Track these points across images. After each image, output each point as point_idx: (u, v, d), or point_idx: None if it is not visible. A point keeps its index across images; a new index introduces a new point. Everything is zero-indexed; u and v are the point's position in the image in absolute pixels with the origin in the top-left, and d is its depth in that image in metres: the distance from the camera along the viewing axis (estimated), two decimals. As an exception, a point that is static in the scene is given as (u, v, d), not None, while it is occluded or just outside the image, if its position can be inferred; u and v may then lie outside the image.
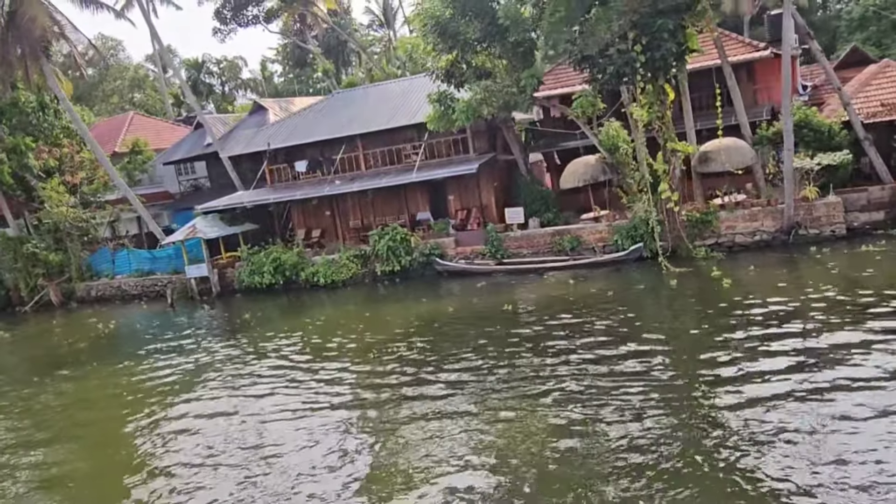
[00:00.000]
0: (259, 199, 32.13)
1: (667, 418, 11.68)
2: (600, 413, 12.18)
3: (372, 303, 25.90)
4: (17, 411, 18.53)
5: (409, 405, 13.95)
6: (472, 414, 13.02)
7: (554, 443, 11.34)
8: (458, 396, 14.05)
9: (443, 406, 13.64)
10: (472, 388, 14.44)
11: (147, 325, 28.11)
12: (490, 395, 13.85)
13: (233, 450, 13.14)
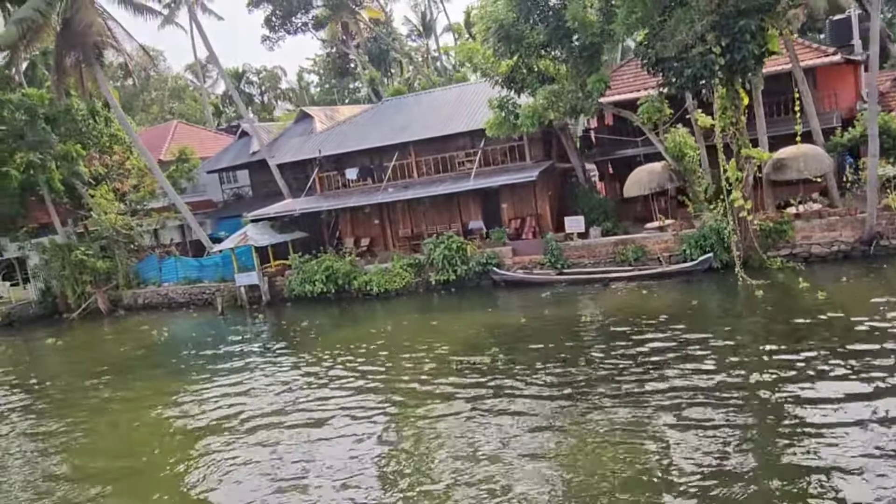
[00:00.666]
0: (311, 207, 31.75)
1: (762, 452, 10.75)
2: (690, 440, 11.33)
3: (431, 312, 25.24)
4: (79, 416, 18.15)
5: (502, 422, 13.22)
6: (568, 432, 12.27)
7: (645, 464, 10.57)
8: (549, 412, 13.31)
9: (538, 422, 12.91)
10: (565, 403, 13.67)
11: (202, 334, 27.68)
12: (590, 412, 13.07)
13: (314, 478, 12.44)
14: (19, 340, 33.02)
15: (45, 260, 37.33)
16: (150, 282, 36.93)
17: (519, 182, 28.25)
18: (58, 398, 20.66)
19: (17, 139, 35.01)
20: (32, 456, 15.87)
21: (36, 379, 23.63)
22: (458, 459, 11.84)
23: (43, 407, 19.93)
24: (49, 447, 16.19)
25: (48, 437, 17.01)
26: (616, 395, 13.67)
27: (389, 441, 13.27)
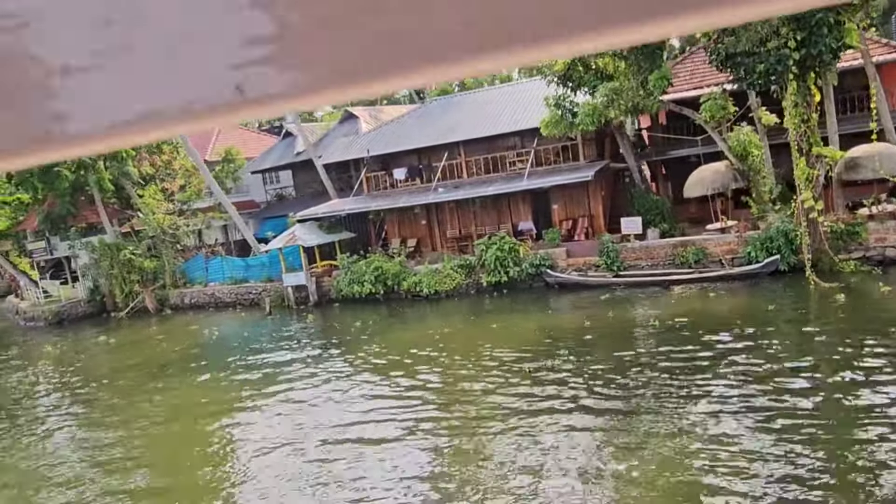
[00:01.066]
0: (359, 207, 31.48)
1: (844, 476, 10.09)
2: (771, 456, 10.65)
3: (486, 315, 24.73)
4: (130, 417, 18.02)
5: (577, 434, 12.66)
6: (647, 448, 11.67)
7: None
8: (628, 424, 12.72)
9: (616, 437, 12.33)
10: (646, 416, 13.06)
11: (251, 335, 27.56)
12: (668, 425, 12.45)
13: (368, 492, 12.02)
14: (71, 338, 33.30)
15: (95, 259, 37.63)
16: (196, 281, 37.00)
17: (572, 182, 27.62)
18: (110, 397, 20.61)
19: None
20: (82, 454, 15.74)
21: (91, 377, 23.68)
22: (532, 474, 11.32)
23: (95, 406, 19.88)
24: (98, 447, 16.08)
25: (99, 436, 16.91)
26: (695, 406, 13.02)
27: (457, 457, 12.76)
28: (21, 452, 16.79)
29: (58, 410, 20.18)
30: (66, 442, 17.08)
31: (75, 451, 16.38)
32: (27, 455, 16.52)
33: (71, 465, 15.35)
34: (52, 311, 38.11)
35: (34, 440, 17.66)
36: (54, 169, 34.64)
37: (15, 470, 15.55)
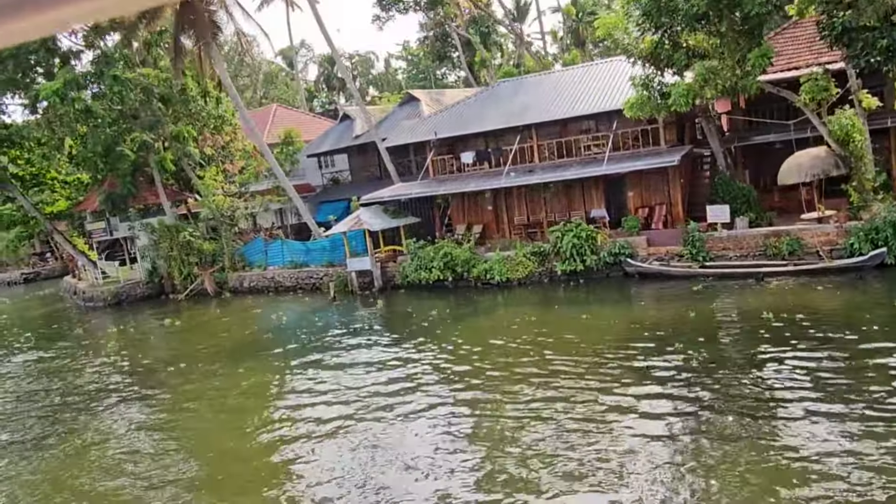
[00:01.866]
0: (427, 191, 30.59)
1: None
2: None
3: (566, 305, 23.72)
4: (197, 402, 17.43)
5: (697, 441, 11.58)
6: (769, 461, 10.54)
7: None
8: (767, 428, 11.59)
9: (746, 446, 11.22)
10: (773, 422, 11.92)
11: (317, 320, 26.90)
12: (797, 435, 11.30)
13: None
14: (134, 320, 33.11)
15: (154, 240, 37.44)
16: (255, 265, 36.59)
17: (651, 168, 26.33)
18: (182, 382, 20.09)
19: (132, 119, 35.12)
20: (159, 440, 15.15)
21: (162, 360, 23.27)
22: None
23: (169, 389, 19.36)
24: (163, 431, 15.49)
25: (165, 419, 16.34)
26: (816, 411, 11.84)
27: (559, 457, 11.78)
28: (99, 435, 16.32)
29: (131, 393, 19.73)
30: (143, 426, 16.56)
31: (151, 435, 15.84)
32: (104, 438, 16.03)
33: (151, 449, 14.80)
34: (111, 292, 38.08)
35: (110, 423, 17.18)
36: (118, 149, 34.43)
37: (92, 454, 15.05)
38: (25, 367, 25.47)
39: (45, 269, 62.77)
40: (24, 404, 20.05)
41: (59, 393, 20.79)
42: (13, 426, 17.99)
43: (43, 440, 16.42)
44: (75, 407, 19.00)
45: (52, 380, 22.55)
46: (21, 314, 40.52)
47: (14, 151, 38.93)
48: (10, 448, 16.14)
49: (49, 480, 13.83)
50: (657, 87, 23.79)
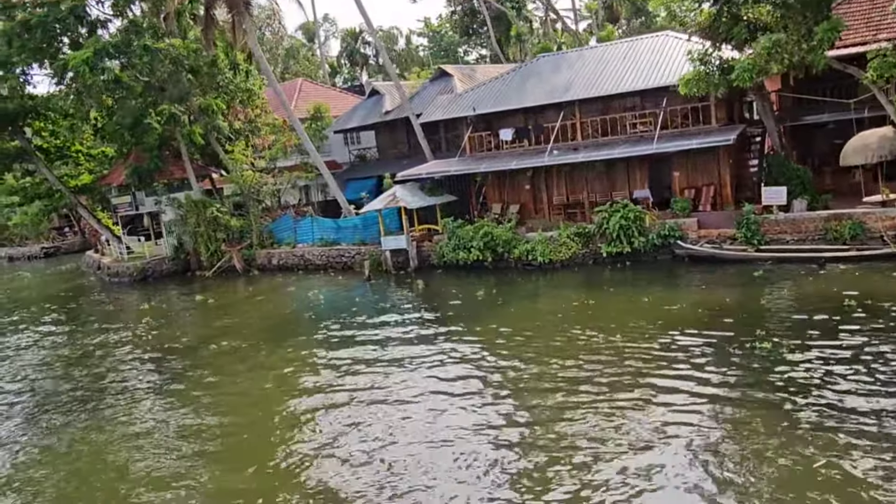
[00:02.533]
0: (466, 169, 29.71)
1: None
2: None
3: (617, 287, 22.86)
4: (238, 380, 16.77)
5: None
6: None
7: None
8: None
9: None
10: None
11: (354, 300, 26.19)
12: None
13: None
14: (163, 296, 32.49)
15: (181, 215, 36.73)
16: (283, 242, 35.88)
17: (705, 147, 25.33)
18: (224, 363, 19.45)
19: (159, 91, 34.29)
20: (205, 420, 14.50)
21: (200, 338, 22.64)
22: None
23: (211, 367, 18.72)
24: (214, 410, 14.83)
25: (214, 396, 15.69)
26: None
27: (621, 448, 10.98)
28: (144, 414, 15.70)
29: (175, 372, 19.11)
30: (188, 406, 15.93)
31: (199, 414, 15.22)
32: (144, 418, 15.41)
33: (196, 430, 14.17)
34: (136, 267, 37.49)
35: (150, 403, 16.57)
36: (145, 121, 33.63)
37: (132, 432, 14.45)
38: (61, 343, 24.83)
39: (64, 244, 62.36)
40: (64, 382, 19.46)
41: (98, 371, 20.20)
42: (55, 404, 17.40)
43: (87, 418, 15.83)
44: (119, 384, 18.41)
45: (91, 357, 21.95)
46: (46, 289, 40.00)
47: (39, 123, 38.17)
48: (57, 426, 15.56)
49: (95, 461, 13.22)
50: (715, 62, 22.71)
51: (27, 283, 43.72)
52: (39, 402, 17.69)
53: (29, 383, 19.77)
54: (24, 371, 21.23)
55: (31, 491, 12.38)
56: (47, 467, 13.28)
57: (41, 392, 18.67)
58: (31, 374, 20.77)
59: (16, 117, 35.97)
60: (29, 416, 16.59)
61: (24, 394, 18.68)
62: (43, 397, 18.10)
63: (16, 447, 14.57)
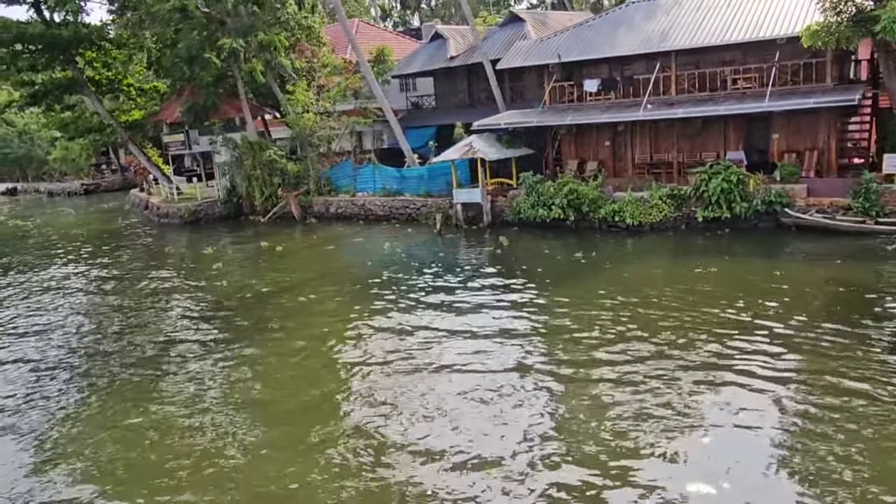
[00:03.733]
0: (551, 121, 27.86)
1: None
2: None
3: (720, 257, 21.12)
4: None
5: None
6: None
7: None
8: None
9: None
10: None
11: (433, 255, 24.66)
12: None
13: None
14: (223, 241, 31.24)
15: (236, 157, 35.30)
16: (342, 190, 34.42)
17: (818, 107, 23.26)
18: (311, 312, 18.17)
19: (219, 24, 32.51)
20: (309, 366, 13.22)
21: (277, 284, 21.35)
22: None
23: (295, 317, 17.45)
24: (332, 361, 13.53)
25: (303, 348, 14.40)
26: None
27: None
28: (229, 363, 14.50)
29: (257, 320, 17.86)
30: (281, 354, 14.71)
31: (306, 358, 14.00)
32: (251, 362, 14.20)
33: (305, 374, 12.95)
34: (188, 209, 36.30)
35: (240, 351, 15.35)
36: (204, 55, 31.94)
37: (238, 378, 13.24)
38: (123, 289, 23.46)
39: (104, 181, 61.45)
40: (133, 335, 18.29)
41: (174, 319, 19.02)
42: (131, 350, 16.25)
43: (149, 379, 14.64)
44: (197, 332, 17.23)
45: (162, 303, 20.75)
46: (95, 227, 38.95)
47: (91, 53, 36.62)
48: (123, 379, 14.39)
49: (156, 429, 12.01)
50: (850, 11, 20.53)
51: (73, 220, 42.71)
52: (104, 355, 16.42)
53: (93, 332, 18.59)
54: (86, 319, 20.02)
55: (79, 459, 11.12)
56: (100, 433, 11.97)
57: (110, 345, 17.46)
58: (94, 322, 19.60)
59: (68, 46, 34.44)
60: (86, 372, 15.28)
61: (86, 348, 17.46)
62: (108, 351, 16.83)
63: (63, 408, 13.25)
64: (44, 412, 12.98)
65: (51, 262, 28.78)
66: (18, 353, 16.80)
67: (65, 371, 15.19)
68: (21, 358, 16.34)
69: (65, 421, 12.53)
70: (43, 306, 21.26)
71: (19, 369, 15.54)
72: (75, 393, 13.85)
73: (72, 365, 15.61)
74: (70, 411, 12.97)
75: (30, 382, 14.63)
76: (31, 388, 14.30)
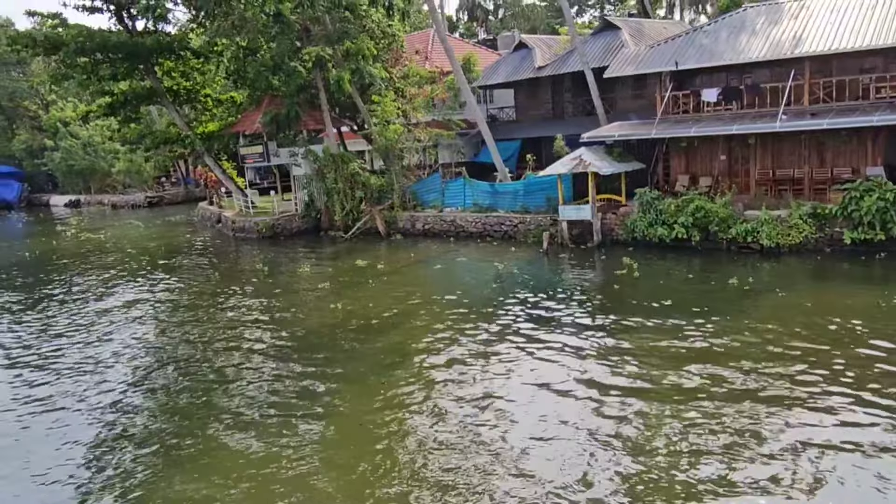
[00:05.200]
0: (670, 133, 25.79)
1: None
2: None
3: (872, 284, 18.79)
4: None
5: None
6: None
7: None
8: None
9: None
10: None
11: (552, 279, 22.74)
12: None
13: None
14: (310, 256, 29.75)
15: (317, 169, 33.88)
16: (428, 205, 32.72)
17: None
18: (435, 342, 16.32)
19: (304, 32, 31.23)
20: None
21: (388, 308, 19.56)
22: None
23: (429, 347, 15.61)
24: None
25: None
26: None
27: None
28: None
29: (396, 351, 16.09)
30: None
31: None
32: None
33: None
34: (265, 223, 34.95)
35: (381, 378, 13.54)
36: (290, 64, 30.65)
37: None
38: (239, 309, 21.48)
39: (167, 194, 60.93)
40: (237, 367, 16.67)
41: (264, 356, 17.37)
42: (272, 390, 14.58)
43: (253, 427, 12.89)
44: (295, 380, 15.50)
45: (283, 330, 19.09)
46: (169, 241, 37.81)
47: (169, 63, 35.70)
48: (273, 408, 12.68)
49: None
50: None
51: (144, 233, 41.75)
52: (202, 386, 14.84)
53: (197, 359, 17.05)
54: (182, 348, 18.54)
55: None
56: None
57: (206, 372, 15.87)
58: (198, 352, 18.07)
59: (150, 55, 33.52)
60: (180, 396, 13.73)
61: (179, 371, 15.92)
62: (204, 379, 15.27)
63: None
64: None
65: (133, 279, 27.56)
66: (70, 387, 15.25)
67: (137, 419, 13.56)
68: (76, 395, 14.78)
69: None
70: (115, 332, 19.84)
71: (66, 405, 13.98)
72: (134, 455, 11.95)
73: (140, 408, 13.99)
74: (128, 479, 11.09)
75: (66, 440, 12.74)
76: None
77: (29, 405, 14.33)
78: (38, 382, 15.66)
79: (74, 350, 17.97)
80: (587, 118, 35.68)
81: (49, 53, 33.49)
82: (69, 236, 42.07)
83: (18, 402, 14.54)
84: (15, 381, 15.92)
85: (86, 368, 16.35)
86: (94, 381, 15.41)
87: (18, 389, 15.35)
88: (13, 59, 69.39)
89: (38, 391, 15.06)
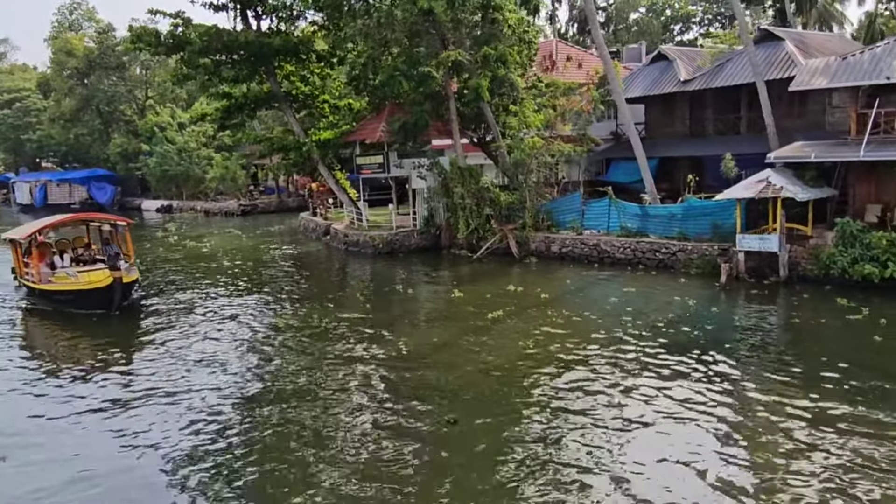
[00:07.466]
0: (882, 156, 22.37)
1: None
2: None
3: None
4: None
5: None
6: None
7: None
8: None
9: None
10: None
11: (750, 321, 19.63)
12: None
13: None
14: (444, 279, 27.20)
15: (441, 182, 31.51)
16: (565, 226, 29.91)
17: None
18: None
19: (441, 36, 29.01)
20: None
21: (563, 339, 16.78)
22: None
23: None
24: None
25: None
26: None
27: None
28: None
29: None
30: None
31: None
32: None
33: None
34: (382, 238, 32.71)
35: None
36: (425, 69, 28.43)
37: None
38: (431, 344, 18.38)
39: (261, 202, 59.79)
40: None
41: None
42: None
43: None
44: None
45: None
46: (279, 252, 35.96)
47: (290, 66, 34.01)
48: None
49: None
50: None
51: (247, 243, 40.08)
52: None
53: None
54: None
55: None
56: None
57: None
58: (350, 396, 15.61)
59: (274, 57, 31.85)
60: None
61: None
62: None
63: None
64: None
65: (259, 293, 25.58)
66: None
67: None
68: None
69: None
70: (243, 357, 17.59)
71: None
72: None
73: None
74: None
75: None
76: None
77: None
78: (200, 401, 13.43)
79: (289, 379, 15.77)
80: (735, 137, 32.63)
81: (171, 53, 32.19)
82: (173, 243, 40.76)
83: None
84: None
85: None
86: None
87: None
88: (113, 63, 70.16)
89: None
